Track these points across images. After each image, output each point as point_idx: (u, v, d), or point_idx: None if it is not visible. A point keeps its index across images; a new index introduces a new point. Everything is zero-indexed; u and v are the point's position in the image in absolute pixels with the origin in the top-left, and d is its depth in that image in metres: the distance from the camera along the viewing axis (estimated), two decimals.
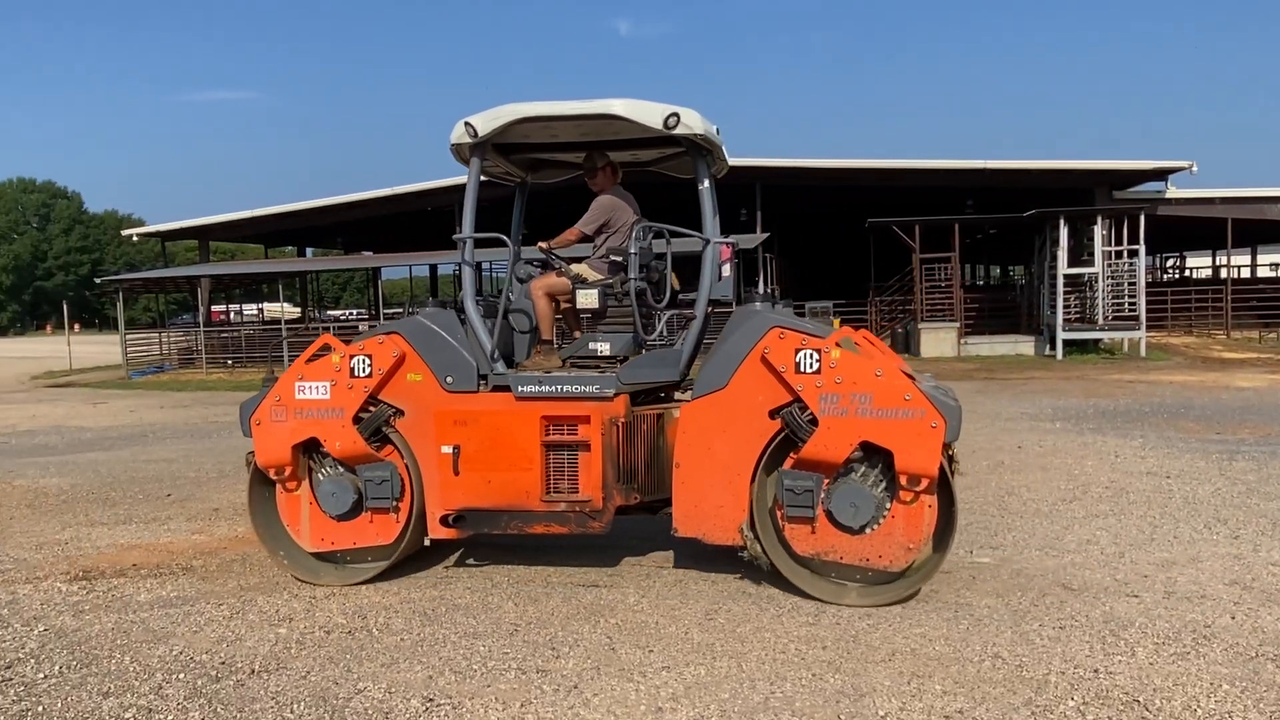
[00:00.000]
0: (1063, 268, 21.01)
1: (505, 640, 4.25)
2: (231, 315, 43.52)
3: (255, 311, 46.97)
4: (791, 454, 4.64)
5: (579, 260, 5.65)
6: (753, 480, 4.72)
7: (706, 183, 5.21)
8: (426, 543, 5.18)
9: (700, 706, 3.53)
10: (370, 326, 12.77)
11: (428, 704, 3.60)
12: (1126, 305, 21.58)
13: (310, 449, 5.18)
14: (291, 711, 3.56)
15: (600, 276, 5.48)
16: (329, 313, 52.26)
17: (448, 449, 4.94)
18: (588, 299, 5.29)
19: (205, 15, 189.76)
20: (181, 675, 3.92)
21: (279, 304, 43.70)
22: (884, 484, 4.56)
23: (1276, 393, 13.21)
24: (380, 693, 3.71)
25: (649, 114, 4.95)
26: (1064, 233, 21.01)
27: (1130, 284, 21.66)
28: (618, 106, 4.96)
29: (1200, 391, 13.67)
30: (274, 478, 5.20)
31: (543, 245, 5.69)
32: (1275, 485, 7.07)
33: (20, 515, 7.28)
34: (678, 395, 5.43)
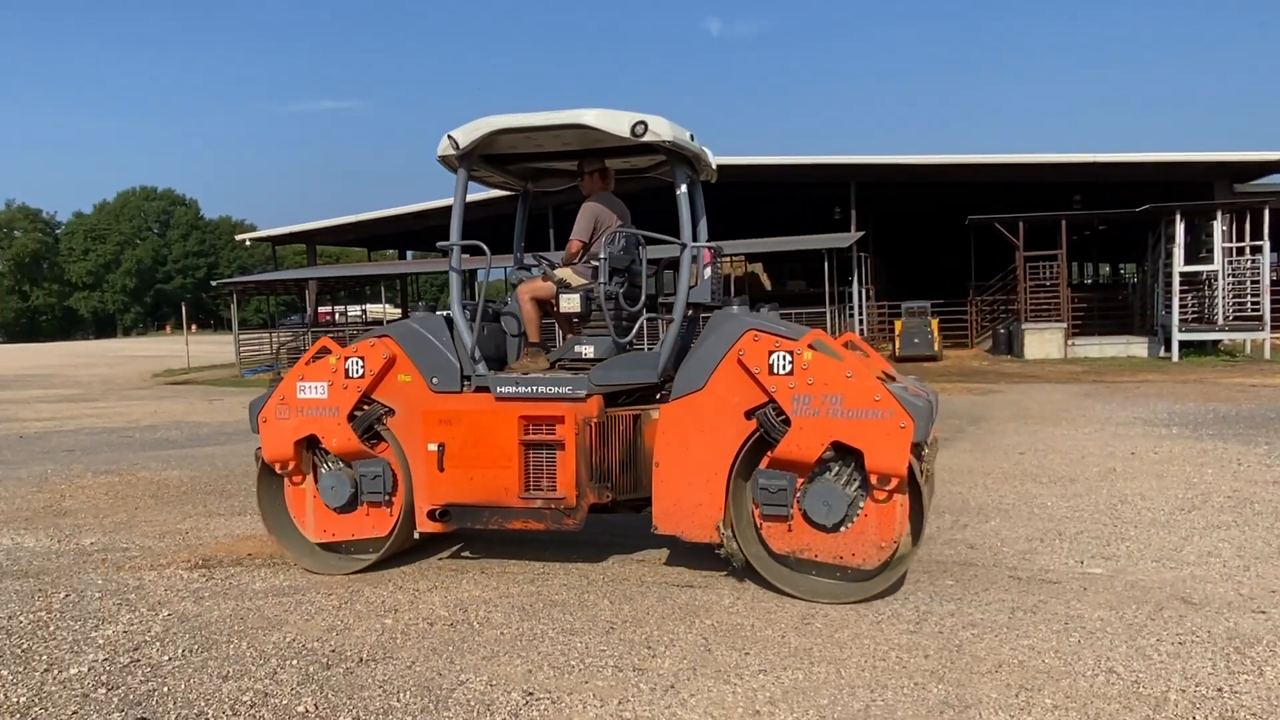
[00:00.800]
0: (1179, 265, 20.04)
1: (602, 638, 4.29)
2: (337, 316, 45.14)
3: (359, 312, 48.60)
4: (767, 454, 4.69)
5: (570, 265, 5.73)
6: (729, 479, 4.78)
7: (684, 188, 5.25)
8: (416, 536, 5.36)
9: (799, 711, 3.49)
10: None
11: (527, 698, 3.66)
12: (1249, 305, 20.42)
13: (314, 445, 5.45)
14: (398, 700, 3.67)
15: (583, 281, 5.54)
16: None
17: (433, 446, 5.13)
18: (569, 303, 5.40)
19: (310, 28, 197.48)
20: (294, 661, 4.09)
21: (381, 305, 45.13)
22: (857, 483, 4.60)
23: None
24: (482, 685, 3.79)
25: (617, 123, 5.02)
26: (1180, 228, 20.03)
27: (1253, 282, 20.48)
28: (588, 116, 5.03)
29: None
30: (279, 472, 5.49)
31: (562, 265, 5.72)
32: None
33: (145, 505, 7.71)
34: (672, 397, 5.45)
